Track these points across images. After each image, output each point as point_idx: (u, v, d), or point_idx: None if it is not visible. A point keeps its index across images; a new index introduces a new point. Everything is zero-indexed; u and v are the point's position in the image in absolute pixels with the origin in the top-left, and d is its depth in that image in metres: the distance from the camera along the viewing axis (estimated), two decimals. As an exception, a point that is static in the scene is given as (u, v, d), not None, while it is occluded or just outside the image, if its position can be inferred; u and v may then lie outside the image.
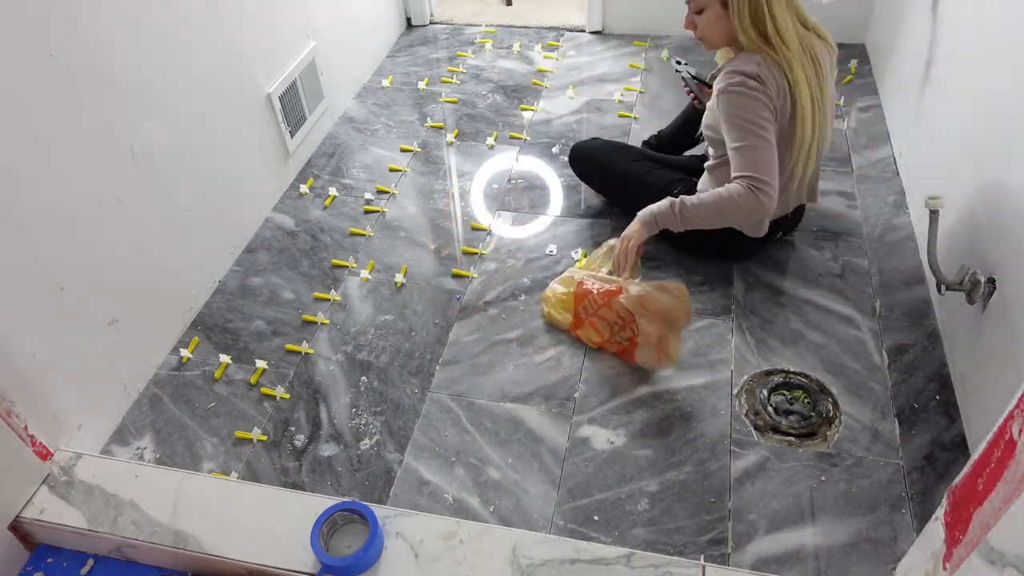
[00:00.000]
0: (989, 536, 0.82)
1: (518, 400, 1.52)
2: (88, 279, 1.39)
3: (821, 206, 1.93)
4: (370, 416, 1.51)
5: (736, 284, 1.74)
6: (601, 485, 1.37)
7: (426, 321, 1.70)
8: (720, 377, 1.54)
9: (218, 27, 1.71)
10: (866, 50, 2.55)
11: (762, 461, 1.39)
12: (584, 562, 1.08)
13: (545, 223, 1.96)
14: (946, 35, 1.76)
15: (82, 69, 1.33)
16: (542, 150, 2.22)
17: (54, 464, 1.25)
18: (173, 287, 1.66)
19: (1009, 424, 0.80)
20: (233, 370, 1.61)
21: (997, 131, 1.41)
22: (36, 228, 1.26)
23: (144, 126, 1.50)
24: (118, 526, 1.16)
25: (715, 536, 1.28)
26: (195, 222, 1.70)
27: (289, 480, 1.41)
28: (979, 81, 1.54)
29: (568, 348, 1.62)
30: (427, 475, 1.40)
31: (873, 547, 1.25)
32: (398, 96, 2.50)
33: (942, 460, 1.36)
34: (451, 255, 1.88)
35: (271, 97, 1.95)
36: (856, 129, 2.20)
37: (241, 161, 1.87)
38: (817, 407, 1.46)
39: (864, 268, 1.76)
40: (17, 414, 1.18)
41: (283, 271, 1.85)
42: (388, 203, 2.05)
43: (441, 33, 2.88)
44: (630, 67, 2.56)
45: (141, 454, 1.46)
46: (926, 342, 1.56)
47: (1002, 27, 1.46)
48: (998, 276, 1.31)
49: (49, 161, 1.28)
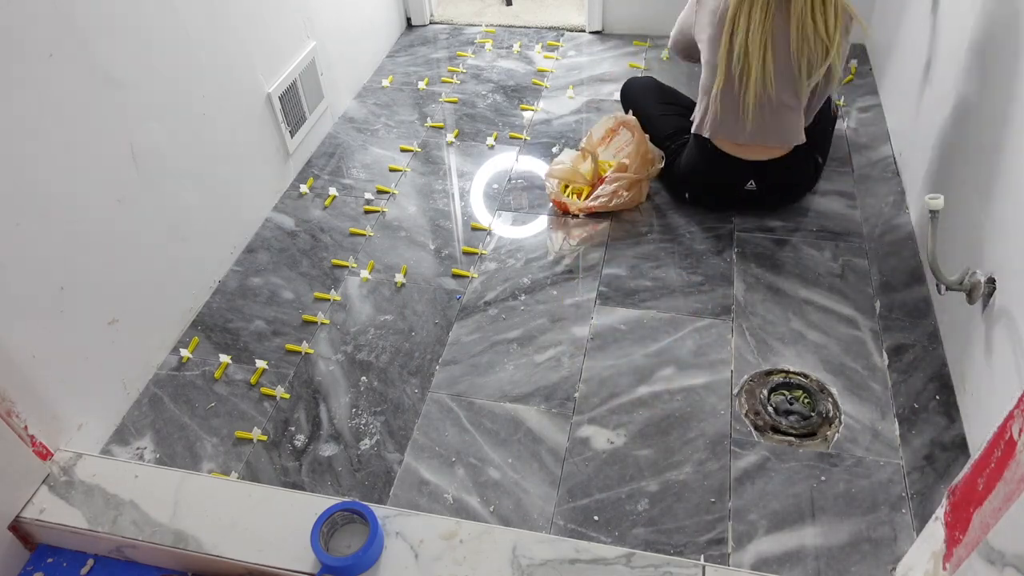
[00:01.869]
0: (989, 536, 0.82)
1: (518, 400, 1.52)
2: (88, 279, 1.39)
3: (821, 206, 1.93)
4: (370, 416, 1.51)
5: (736, 284, 1.74)
6: (601, 485, 1.37)
7: (426, 321, 1.70)
8: (720, 377, 1.54)
9: (218, 27, 1.71)
10: (866, 50, 2.55)
11: (762, 461, 1.39)
12: (584, 562, 1.08)
13: (545, 223, 1.96)
14: (946, 35, 1.75)
15: (82, 69, 1.33)
16: (542, 150, 2.22)
17: (54, 464, 1.25)
18: (173, 287, 1.66)
19: (1009, 424, 0.81)
20: (233, 370, 1.61)
21: (997, 131, 1.41)
22: (36, 228, 1.26)
23: (144, 126, 1.50)
24: (118, 526, 1.16)
25: (715, 536, 1.28)
26: (195, 222, 1.70)
27: (289, 480, 1.41)
28: (978, 80, 1.53)
29: (568, 348, 1.62)
30: (427, 475, 1.40)
31: (873, 547, 1.25)
32: (398, 96, 2.50)
33: (942, 460, 1.36)
34: (451, 255, 1.88)
35: (271, 97, 1.95)
36: (856, 129, 2.20)
37: (241, 161, 1.87)
38: (817, 407, 1.46)
39: (864, 268, 1.76)
40: (17, 414, 1.18)
41: (283, 271, 1.85)
42: (388, 203, 2.05)
43: (441, 33, 2.88)
44: (630, 67, 2.56)
45: (141, 454, 1.46)
46: (926, 342, 1.56)
47: (1002, 26, 1.46)
48: (998, 276, 1.31)
49: (49, 161, 1.28)
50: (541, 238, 1.91)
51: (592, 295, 1.74)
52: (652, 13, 2.69)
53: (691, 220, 1.93)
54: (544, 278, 1.79)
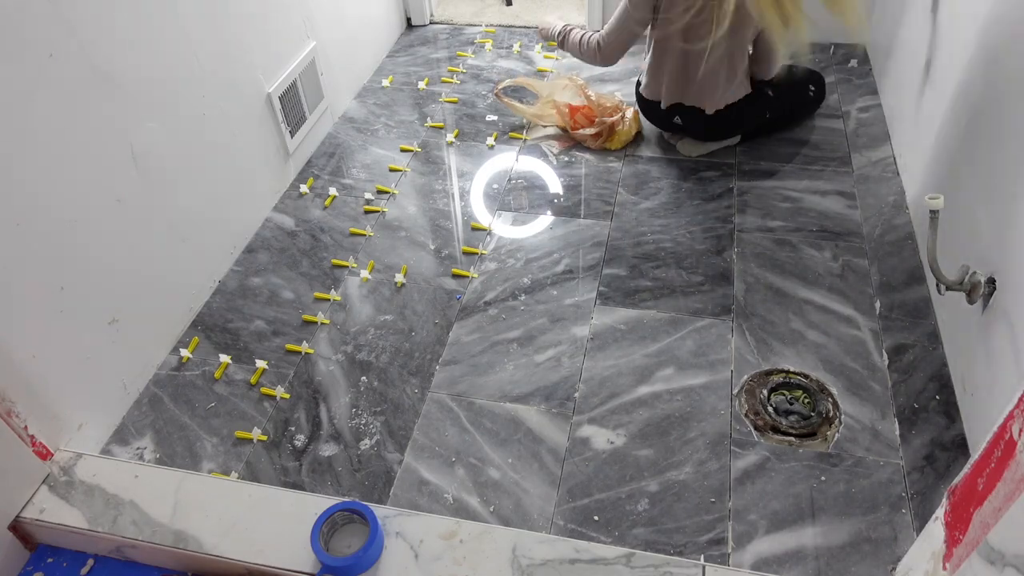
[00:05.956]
0: (989, 536, 0.82)
1: (518, 400, 1.52)
2: (88, 279, 1.39)
3: (821, 206, 1.93)
4: (370, 416, 1.51)
5: (736, 284, 1.74)
6: (601, 485, 1.37)
7: (426, 321, 1.70)
8: (720, 377, 1.54)
9: (218, 27, 1.71)
10: (866, 50, 2.55)
11: (762, 461, 1.39)
12: (584, 562, 1.08)
13: (545, 223, 1.96)
14: (946, 35, 1.75)
15: (82, 69, 1.33)
16: (542, 150, 2.22)
17: (54, 464, 1.25)
18: (173, 287, 1.66)
19: (1009, 424, 0.81)
20: (233, 370, 1.61)
21: (997, 131, 1.41)
22: (36, 228, 1.26)
23: (144, 126, 1.50)
24: (118, 526, 1.16)
25: (715, 536, 1.28)
26: (195, 222, 1.70)
27: (289, 480, 1.41)
28: (979, 81, 1.53)
29: (568, 348, 1.62)
30: (427, 475, 1.40)
31: (873, 547, 1.25)
32: (398, 96, 2.50)
33: (942, 460, 1.36)
34: (451, 255, 1.88)
35: (271, 97, 1.95)
36: (856, 129, 2.20)
37: (241, 161, 1.87)
38: (817, 407, 1.46)
39: (864, 268, 1.76)
40: (17, 414, 1.18)
41: (283, 271, 1.85)
42: (388, 203, 2.05)
43: (441, 33, 2.88)
44: (630, 67, 2.56)
45: (141, 454, 1.46)
46: (926, 342, 1.56)
47: (1002, 27, 1.46)
48: (998, 276, 1.31)
49: (49, 161, 1.28)
50: (541, 238, 1.91)
51: (592, 295, 1.74)
52: (652, 13, 2.68)
53: (692, 220, 1.93)
54: (544, 278, 1.79)
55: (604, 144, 2.19)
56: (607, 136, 2.18)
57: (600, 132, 2.18)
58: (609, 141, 2.19)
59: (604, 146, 2.19)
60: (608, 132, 2.18)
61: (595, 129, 2.18)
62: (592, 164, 2.15)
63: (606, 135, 2.18)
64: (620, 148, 2.20)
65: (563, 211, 1.99)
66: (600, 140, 2.19)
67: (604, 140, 2.19)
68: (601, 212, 1.98)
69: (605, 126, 2.17)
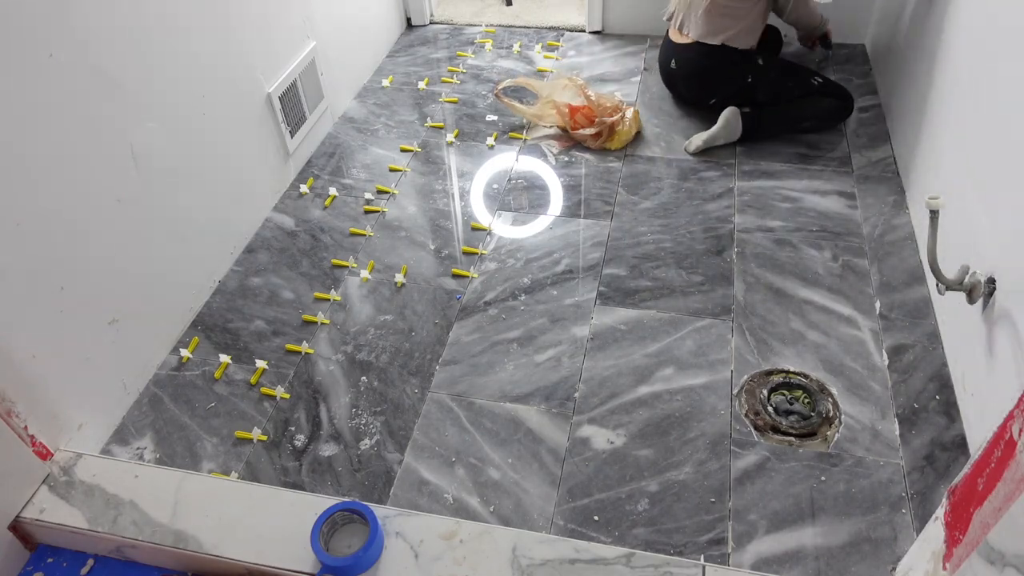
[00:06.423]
0: (989, 536, 0.82)
1: (518, 400, 1.52)
2: (88, 279, 1.39)
3: (821, 206, 1.93)
4: (370, 416, 1.51)
5: (736, 284, 1.74)
6: (601, 485, 1.37)
7: (426, 321, 1.70)
8: (720, 377, 1.54)
9: (218, 27, 1.71)
10: (866, 50, 2.55)
11: (762, 461, 1.39)
12: (584, 562, 1.08)
13: (545, 223, 1.96)
14: (946, 35, 1.75)
15: (82, 69, 1.33)
16: (542, 150, 2.22)
17: (54, 464, 1.25)
18: (173, 287, 1.66)
19: (1009, 424, 0.81)
20: (233, 370, 1.61)
21: (997, 131, 1.41)
22: (36, 228, 1.26)
23: (144, 126, 1.50)
24: (118, 526, 1.16)
25: (715, 536, 1.28)
26: (195, 222, 1.70)
27: (289, 480, 1.41)
28: (979, 81, 1.53)
29: (568, 348, 1.62)
30: (427, 475, 1.40)
31: (873, 547, 1.25)
32: (398, 96, 2.50)
33: (942, 460, 1.36)
34: (451, 255, 1.88)
35: (271, 97, 1.95)
36: (856, 129, 2.20)
37: (241, 161, 1.87)
38: (817, 407, 1.46)
39: (864, 268, 1.76)
40: (17, 414, 1.18)
41: (283, 271, 1.85)
42: (388, 203, 2.05)
43: (441, 33, 2.88)
44: (630, 67, 2.56)
45: (141, 454, 1.46)
46: (926, 342, 1.56)
47: (1002, 26, 1.46)
48: (998, 276, 1.31)
49: (49, 161, 1.28)
50: (541, 238, 1.91)
51: (592, 295, 1.74)
52: (652, 13, 2.68)
53: (692, 220, 1.93)
54: (544, 278, 1.79)
55: (604, 144, 2.19)
56: (607, 136, 2.18)
57: (600, 132, 2.18)
58: (609, 141, 2.19)
59: (604, 146, 2.19)
60: (608, 132, 2.18)
61: (595, 129, 2.18)
62: (592, 164, 2.15)
63: (606, 135, 2.18)
64: (620, 148, 2.20)
65: (563, 211, 2.00)
66: (600, 140, 2.19)
67: (604, 140, 2.19)
68: (601, 212, 1.98)
69: (605, 126, 2.17)
